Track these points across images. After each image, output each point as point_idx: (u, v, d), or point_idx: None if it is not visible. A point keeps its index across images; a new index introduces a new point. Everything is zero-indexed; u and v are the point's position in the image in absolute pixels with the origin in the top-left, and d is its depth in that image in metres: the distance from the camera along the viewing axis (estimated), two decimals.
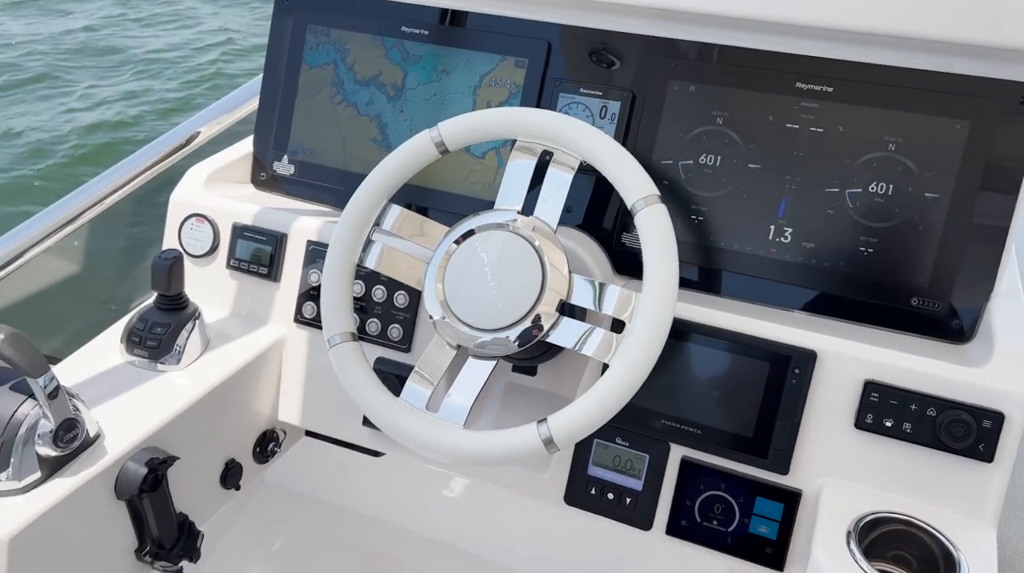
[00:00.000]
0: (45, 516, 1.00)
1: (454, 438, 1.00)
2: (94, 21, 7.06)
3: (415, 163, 1.13)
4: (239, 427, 1.32)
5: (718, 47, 1.22)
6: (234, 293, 1.38)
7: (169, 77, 6.35)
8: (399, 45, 1.40)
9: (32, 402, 1.02)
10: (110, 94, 5.91)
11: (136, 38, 6.98)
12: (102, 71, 6.34)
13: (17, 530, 0.97)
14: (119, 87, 6.06)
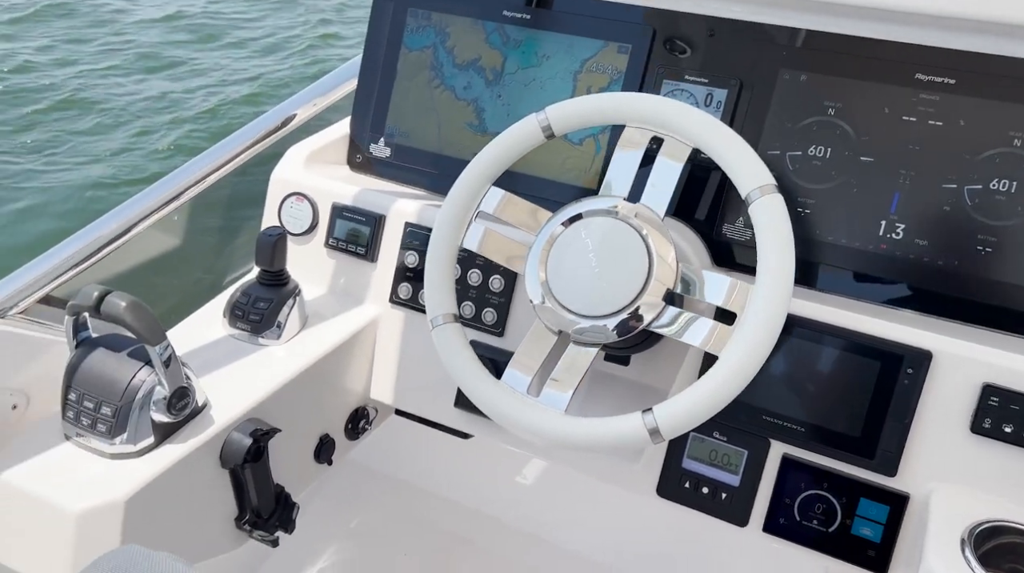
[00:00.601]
0: (157, 480, 1.04)
1: (556, 423, 1.00)
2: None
3: (521, 147, 1.13)
4: (333, 403, 1.34)
5: (833, 36, 1.18)
6: (331, 271, 1.40)
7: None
8: (500, 29, 1.40)
9: (148, 369, 1.05)
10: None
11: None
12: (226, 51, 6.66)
13: (133, 491, 1.01)
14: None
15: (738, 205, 1.24)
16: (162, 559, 0.74)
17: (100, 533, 1.00)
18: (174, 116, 5.36)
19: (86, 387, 1.05)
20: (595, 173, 1.34)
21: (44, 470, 1.03)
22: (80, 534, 0.99)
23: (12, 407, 1.13)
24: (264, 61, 6.48)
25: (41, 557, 1.02)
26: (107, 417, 1.03)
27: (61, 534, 0.99)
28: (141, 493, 1.02)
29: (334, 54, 6.61)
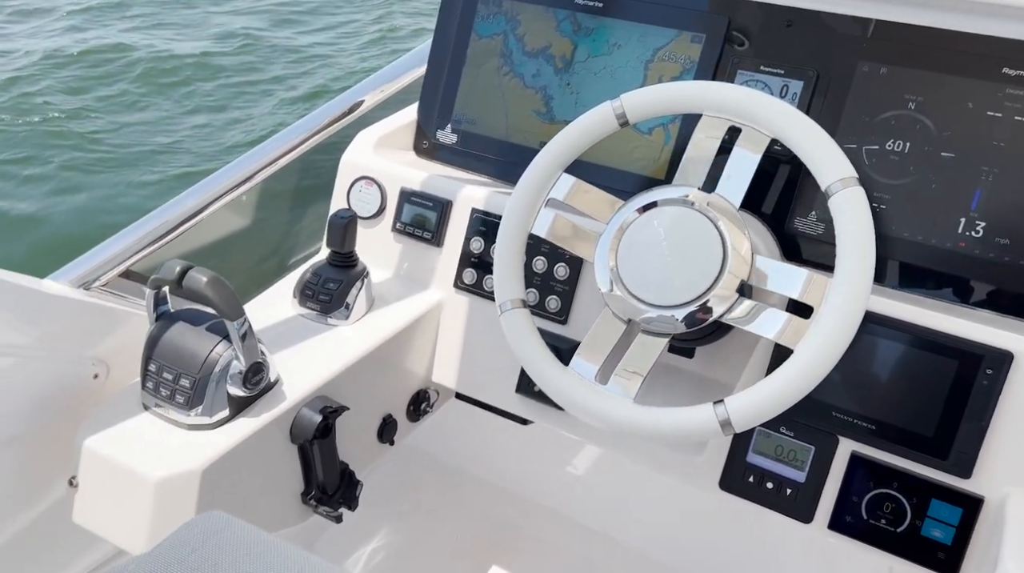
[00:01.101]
0: (231, 452, 1.07)
1: (625, 411, 1.00)
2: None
3: (594, 134, 1.13)
4: (397, 385, 1.36)
5: (916, 28, 1.15)
6: (397, 255, 1.42)
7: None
8: (571, 17, 1.40)
9: (225, 344, 1.08)
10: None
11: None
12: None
13: (209, 462, 1.04)
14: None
15: (811, 198, 1.22)
16: (246, 527, 0.77)
17: (177, 501, 1.03)
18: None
19: (166, 359, 1.08)
20: (663, 163, 1.33)
21: (125, 438, 1.07)
22: (158, 501, 1.02)
23: (94, 376, 1.17)
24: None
25: (120, 521, 1.06)
26: (185, 389, 1.06)
27: (140, 500, 1.02)
28: (216, 464, 1.05)
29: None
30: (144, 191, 4.34)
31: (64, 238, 3.80)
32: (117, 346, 1.19)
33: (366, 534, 1.64)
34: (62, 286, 1.15)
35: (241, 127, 5.21)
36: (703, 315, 1.02)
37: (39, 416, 1.12)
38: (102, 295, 1.19)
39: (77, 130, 4.95)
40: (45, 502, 1.17)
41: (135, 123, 5.15)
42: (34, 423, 1.12)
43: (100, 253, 1.21)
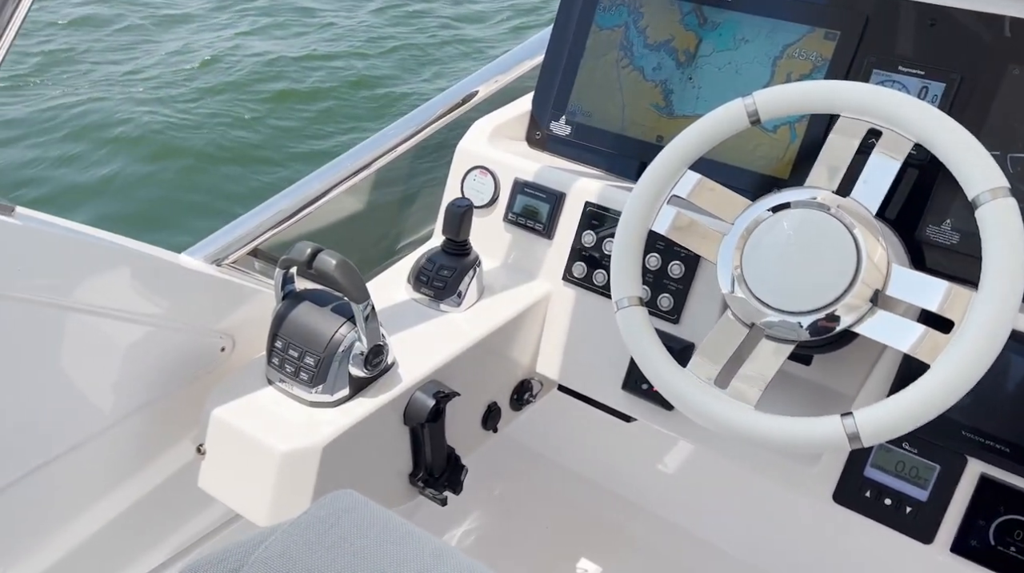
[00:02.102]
0: (350, 430, 1.10)
1: (746, 418, 0.98)
2: None
3: (723, 131, 1.10)
4: (502, 373, 1.38)
5: None
6: (507, 245, 1.42)
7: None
8: (697, 10, 1.37)
9: (349, 325, 1.11)
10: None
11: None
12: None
13: (329, 439, 1.07)
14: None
15: (946, 206, 1.17)
16: (377, 507, 0.79)
17: (298, 474, 1.07)
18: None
19: (292, 337, 1.12)
20: (788, 162, 1.30)
21: (251, 411, 1.11)
22: (281, 473, 1.06)
23: (221, 349, 1.22)
24: None
25: (243, 489, 1.10)
26: (310, 367, 1.10)
27: (264, 471, 1.07)
28: (336, 441, 1.08)
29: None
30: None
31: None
32: (243, 321, 1.24)
33: (458, 517, 1.67)
34: (197, 262, 1.20)
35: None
36: (830, 323, 0.99)
37: (170, 384, 1.18)
38: (231, 272, 1.24)
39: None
40: (172, 466, 1.23)
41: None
42: (165, 390, 1.18)
43: (231, 232, 1.26)
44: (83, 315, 1.02)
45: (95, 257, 1.00)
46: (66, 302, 0.99)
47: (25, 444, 1.03)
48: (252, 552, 0.73)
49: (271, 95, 5.39)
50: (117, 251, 1.03)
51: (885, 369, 1.13)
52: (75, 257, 0.98)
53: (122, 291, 1.05)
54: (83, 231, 0.99)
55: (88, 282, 1.01)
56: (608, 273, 1.34)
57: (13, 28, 0.82)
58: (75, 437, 1.08)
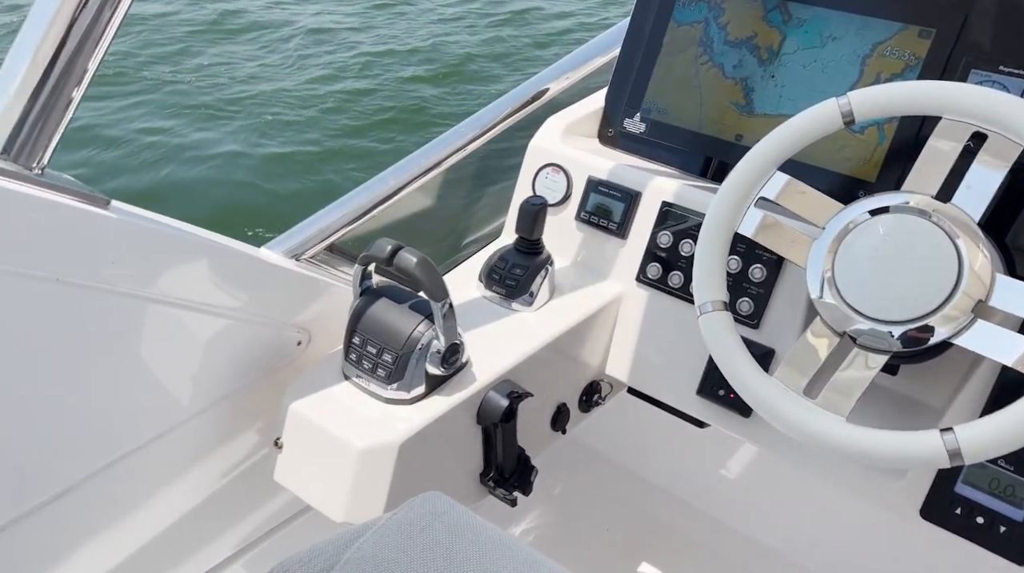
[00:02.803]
0: (425, 429, 1.09)
1: (839, 431, 0.94)
2: None
3: (815, 132, 1.07)
4: (572, 374, 1.36)
5: None
6: (580, 244, 1.40)
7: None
8: (782, 6, 1.33)
9: (427, 323, 1.11)
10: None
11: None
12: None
13: (406, 436, 1.07)
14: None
15: None
16: (466, 511, 0.78)
17: (375, 470, 1.07)
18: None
19: (370, 333, 1.11)
20: (875, 164, 1.25)
21: (329, 406, 1.11)
22: (359, 469, 1.06)
23: (297, 343, 1.23)
24: None
25: (319, 484, 1.11)
26: (387, 364, 1.10)
27: (342, 467, 1.07)
28: (412, 439, 1.08)
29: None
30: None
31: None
32: (318, 315, 1.24)
33: (518, 515, 1.66)
34: (277, 256, 1.20)
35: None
36: (924, 334, 0.95)
37: (247, 376, 1.19)
38: (309, 266, 1.25)
39: None
40: (247, 459, 1.24)
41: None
42: (242, 383, 1.18)
43: (310, 227, 1.27)
44: (166, 307, 1.03)
45: (181, 250, 1.01)
46: (151, 294, 1.00)
47: (109, 433, 1.05)
48: (342, 553, 0.73)
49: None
50: (201, 244, 1.04)
51: (980, 382, 1.09)
52: (162, 249, 0.99)
53: (204, 284, 1.06)
54: (170, 224, 1.00)
55: (172, 274, 1.02)
56: (684, 275, 1.31)
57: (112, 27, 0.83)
58: (157, 428, 1.09)
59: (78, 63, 0.81)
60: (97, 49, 0.82)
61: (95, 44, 0.82)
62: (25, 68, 0.80)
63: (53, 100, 0.81)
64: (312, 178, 4.58)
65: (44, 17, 0.79)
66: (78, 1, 0.79)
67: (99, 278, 0.92)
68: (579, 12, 7.15)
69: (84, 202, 0.86)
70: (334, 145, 4.91)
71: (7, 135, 0.81)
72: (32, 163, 0.83)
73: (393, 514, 0.77)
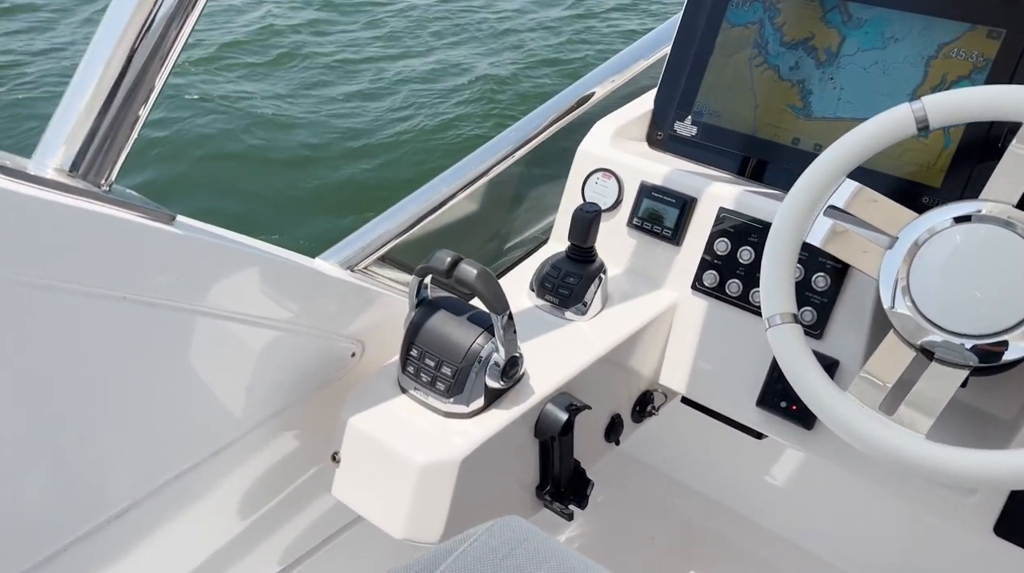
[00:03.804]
0: (486, 443, 1.07)
1: (919, 449, 0.91)
2: None
3: (886, 139, 1.03)
4: (626, 384, 1.33)
5: None
6: (632, 251, 1.38)
7: None
8: (841, 6, 1.30)
9: (486, 335, 1.08)
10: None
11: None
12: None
13: (468, 452, 1.05)
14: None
15: None
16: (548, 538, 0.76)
17: (436, 486, 1.05)
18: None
19: (428, 346, 1.09)
20: (940, 170, 1.22)
21: (387, 420, 1.09)
22: (419, 485, 1.04)
23: (351, 354, 1.21)
24: None
25: (378, 500, 1.09)
26: (447, 377, 1.08)
27: (402, 483, 1.05)
28: (472, 454, 1.06)
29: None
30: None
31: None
32: (372, 326, 1.22)
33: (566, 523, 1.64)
34: (332, 266, 1.19)
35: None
36: (1002, 349, 0.92)
37: (302, 389, 1.17)
38: (362, 277, 1.23)
39: None
40: (304, 473, 1.23)
41: None
42: (298, 396, 1.17)
43: (363, 237, 1.25)
44: (225, 321, 1.02)
45: (241, 264, 1.00)
46: (210, 308, 0.99)
47: (168, 451, 1.04)
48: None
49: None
50: (260, 257, 1.02)
51: None
52: (223, 264, 0.97)
53: (261, 297, 1.05)
54: (230, 238, 0.99)
55: (231, 288, 1.00)
56: (743, 283, 1.28)
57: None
58: (214, 444, 1.08)
59: (145, 80, 0.80)
60: (164, 66, 0.81)
61: (162, 61, 0.81)
62: (94, 86, 0.78)
63: (121, 117, 0.80)
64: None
65: (113, 34, 0.78)
66: (146, 18, 0.78)
67: (164, 295, 0.91)
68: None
69: (151, 218, 0.85)
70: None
71: (75, 152, 0.80)
72: (100, 180, 0.81)
73: (474, 540, 0.75)
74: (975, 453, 0.88)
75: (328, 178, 4.61)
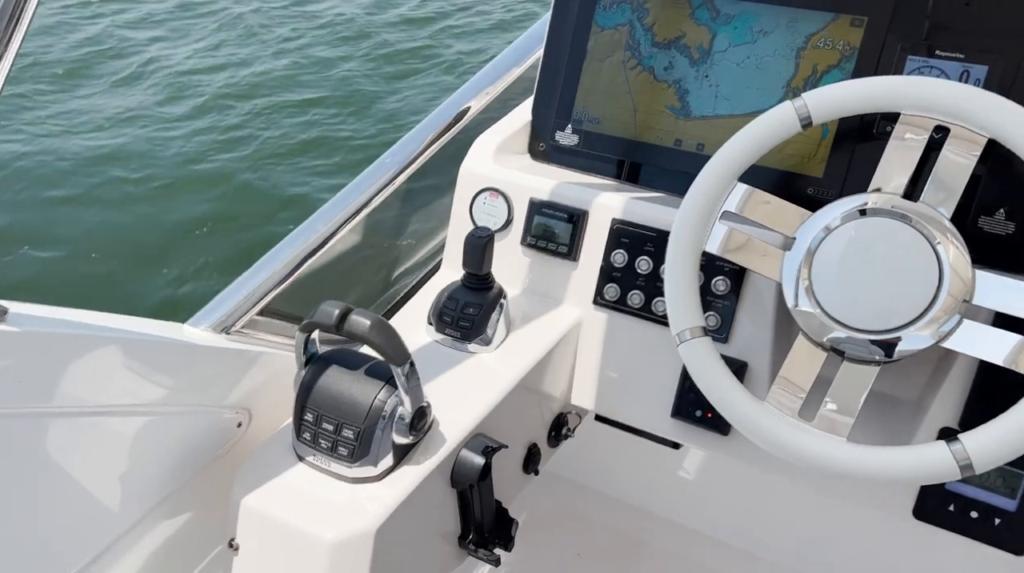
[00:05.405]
0: (401, 505, 0.99)
1: (842, 453, 0.90)
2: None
3: (773, 138, 1.02)
4: (540, 411, 1.28)
5: None
6: (529, 271, 1.32)
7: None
8: (708, 4, 1.28)
9: (388, 388, 1.00)
10: None
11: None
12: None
13: (381, 520, 0.96)
14: None
15: (997, 194, 1.11)
16: None
17: (351, 562, 0.95)
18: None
19: (324, 408, 0.99)
20: (820, 160, 1.23)
21: (286, 495, 0.99)
22: (333, 564, 0.94)
23: (238, 425, 1.09)
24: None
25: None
26: (349, 440, 0.98)
27: (312, 563, 0.95)
28: (388, 521, 0.97)
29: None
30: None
31: None
32: (257, 390, 1.11)
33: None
34: (203, 332, 1.06)
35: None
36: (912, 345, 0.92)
37: (187, 471, 1.05)
38: (241, 338, 1.11)
39: None
40: (199, 562, 1.10)
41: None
42: (183, 480, 1.04)
43: (236, 294, 1.12)
44: (81, 417, 0.88)
45: (92, 349, 0.86)
46: (65, 406, 0.85)
47: (47, 562, 0.89)
48: None
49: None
50: (112, 338, 0.89)
51: (960, 372, 1.07)
52: (72, 354, 0.84)
53: (120, 382, 0.92)
54: (76, 321, 0.85)
55: (86, 379, 0.87)
56: (645, 294, 1.25)
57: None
58: (97, 545, 0.94)
59: None
60: None
61: None
62: None
63: None
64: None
65: None
66: None
67: (7, 402, 0.77)
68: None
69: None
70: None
71: None
72: None
73: None
74: (895, 452, 0.88)
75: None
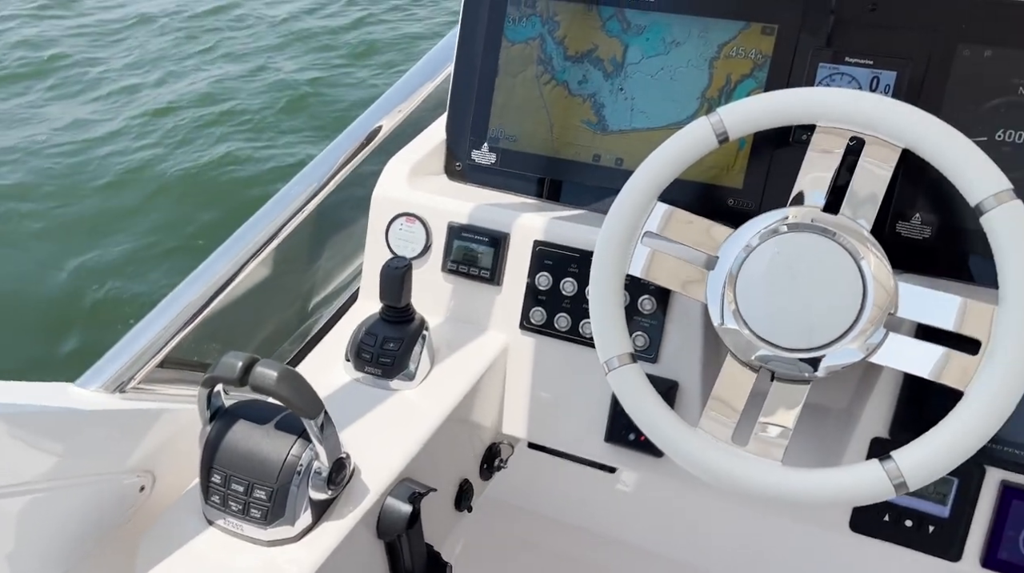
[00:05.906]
0: (323, 566, 0.92)
1: (777, 479, 0.88)
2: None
3: (690, 155, 0.99)
4: (469, 445, 1.23)
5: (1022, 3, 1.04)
6: (451, 298, 1.27)
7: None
8: (619, 15, 1.25)
9: (302, 442, 0.93)
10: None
11: None
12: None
13: None
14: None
15: (912, 199, 1.12)
16: None
17: None
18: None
19: (233, 468, 0.92)
20: (739, 171, 1.21)
21: (197, 565, 0.91)
22: None
23: (140, 489, 1.00)
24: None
25: None
26: (262, 502, 0.91)
27: None
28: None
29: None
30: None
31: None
32: (161, 450, 1.02)
33: None
34: (94, 393, 0.97)
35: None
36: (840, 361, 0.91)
37: (86, 546, 0.95)
38: (137, 395, 1.02)
39: None
40: None
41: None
42: (82, 554, 0.95)
43: (130, 347, 1.03)
44: None
45: None
46: None
47: None
48: None
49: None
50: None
51: (888, 381, 1.07)
52: None
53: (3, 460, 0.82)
54: None
55: None
56: (571, 316, 1.21)
57: None
58: None
59: None
60: None
61: None
62: None
63: None
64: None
65: None
66: None
67: None
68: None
69: None
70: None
71: None
72: None
73: None
74: (830, 474, 0.86)
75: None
